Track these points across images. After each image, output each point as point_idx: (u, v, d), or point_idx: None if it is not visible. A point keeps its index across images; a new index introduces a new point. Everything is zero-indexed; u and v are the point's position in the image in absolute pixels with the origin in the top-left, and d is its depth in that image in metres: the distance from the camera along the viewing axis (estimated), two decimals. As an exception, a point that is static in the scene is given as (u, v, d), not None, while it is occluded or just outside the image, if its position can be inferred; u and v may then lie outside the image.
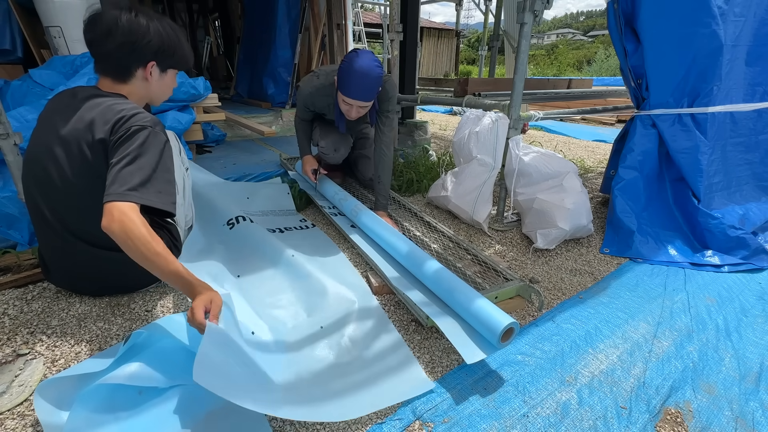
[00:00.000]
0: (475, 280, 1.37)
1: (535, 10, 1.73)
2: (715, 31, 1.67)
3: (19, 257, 1.50)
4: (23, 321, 1.24)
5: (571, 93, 3.03)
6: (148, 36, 1.08)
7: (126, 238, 0.90)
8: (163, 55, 1.13)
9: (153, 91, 1.20)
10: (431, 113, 7.19)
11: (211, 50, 8.26)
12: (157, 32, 1.10)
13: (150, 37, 1.09)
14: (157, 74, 1.17)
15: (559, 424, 0.94)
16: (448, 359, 1.14)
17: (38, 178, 1.12)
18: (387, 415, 0.95)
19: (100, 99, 1.08)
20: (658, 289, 1.53)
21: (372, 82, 1.64)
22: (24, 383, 0.99)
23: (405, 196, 2.49)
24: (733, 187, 1.98)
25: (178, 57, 1.18)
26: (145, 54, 1.11)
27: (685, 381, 1.08)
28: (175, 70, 1.22)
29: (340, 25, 3.89)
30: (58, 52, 2.32)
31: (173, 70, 1.22)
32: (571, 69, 19.01)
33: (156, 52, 1.12)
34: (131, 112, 1.06)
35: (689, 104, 1.85)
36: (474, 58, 22.09)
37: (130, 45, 1.07)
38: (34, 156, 1.13)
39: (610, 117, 5.75)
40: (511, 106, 1.88)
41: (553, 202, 1.78)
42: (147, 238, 0.91)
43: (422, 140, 3.53)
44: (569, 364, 1.14)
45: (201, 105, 2.63)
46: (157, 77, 1.17)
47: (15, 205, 1.58)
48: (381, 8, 8.50)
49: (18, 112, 1.70)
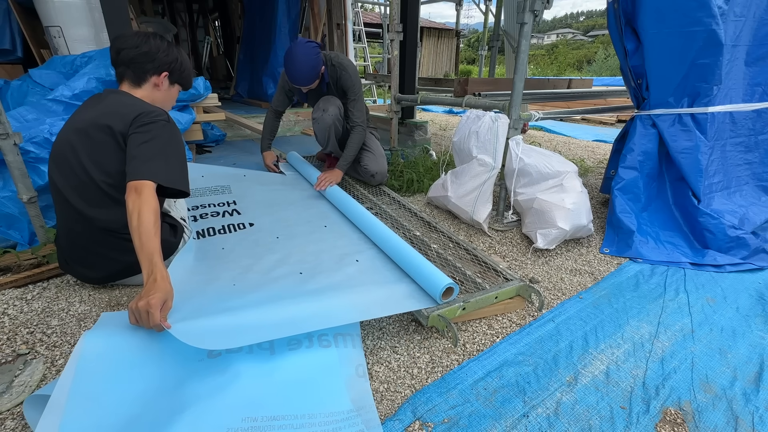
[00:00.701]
0: (475, 280, 1.37)
1: (535, 10, 1.73)
2: (715, 31, 1.67)
3: (19, 257, 1.50)
4: (23, 321, 1.24)
5: (571, 93, 3.03)
6: (167, 52, 1.34)
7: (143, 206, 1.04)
8: (174, 70, 1.37)
9: (159, 99, 1.37)
10: (431, 113, 7.19)
11: (211, 50, 8.27)
12: (173, 52, 1.36)
13: (168, 52, 1.34)
14: (167, 85, 1.38)
15: (559, 424, 0.94)
16: (448, 359, 1.14)
17: (59, 164, 1.25)
18: (387, 416, 0.95)
19: (119, 98, 1.27)
20: (658, 289, 1.53)
21: (294, 67, 2.00)
22: (24, 383, 0.99)
23: (405, 196, 2.49)
24: (733, 187, 1.98)
25: (185, 76, 1.43)
26: (161, 64, 1.33)
27: (685, 381, 1.08)
28: (180, 86, 1.45)
29: (340, 25, 3.89)
30: (58, 52, 2.32)
31: (179, 86, 1.44)
32: (571, 69, 19.00)
33: (170, 65, 1.35)
34: (147, 108, 1.24)
35: (689, 104, 1.85)
36: (474, 58, 22.09)
37: (153, 55, 1.31)
38: (58, 143, 1.27)
39: (610, 117, 5.76)
40: (511, 106, 1.88)
41: (553, 202, 1.77)
42: (156, 208, 1.07)
43: (422, 140, 3.53)
44: (569, 364, 1.14)
45: (201, 105, 2.63)
46: (166, 87, 1.38)
47: (15, 205, 1.58)
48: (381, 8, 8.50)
49: (18, 112, 1.70)
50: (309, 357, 1.05)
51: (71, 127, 1.24)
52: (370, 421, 0.90)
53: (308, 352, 1.06)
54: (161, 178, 1.13)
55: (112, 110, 1.21)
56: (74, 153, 1.20)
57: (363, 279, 1.36)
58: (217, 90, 5.70)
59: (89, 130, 1.20)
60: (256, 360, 1.01)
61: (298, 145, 3.28)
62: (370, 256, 1.53)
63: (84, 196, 1.23)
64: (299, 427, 0.87)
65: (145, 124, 1.19)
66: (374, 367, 1.10)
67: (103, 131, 1.19)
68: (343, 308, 1.17)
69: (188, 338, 0.93)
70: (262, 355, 1.03)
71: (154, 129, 1.19)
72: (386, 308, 1.18)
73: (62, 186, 1.23)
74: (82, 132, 1.21)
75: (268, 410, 0.89)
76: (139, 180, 1.09)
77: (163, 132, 1.21)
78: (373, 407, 0.95)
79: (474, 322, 1.32)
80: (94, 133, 1.20)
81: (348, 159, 2.22)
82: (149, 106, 1.25)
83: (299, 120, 4.01)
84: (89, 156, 1.20)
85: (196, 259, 1.44)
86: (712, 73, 1.77)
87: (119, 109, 1.21)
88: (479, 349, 1.19)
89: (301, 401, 0.93)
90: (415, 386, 1.04)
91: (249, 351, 1.03)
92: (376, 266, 1.45)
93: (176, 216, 1.47)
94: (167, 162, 1.18)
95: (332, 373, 1.02)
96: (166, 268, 1.03)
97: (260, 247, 1.58)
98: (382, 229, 1.58)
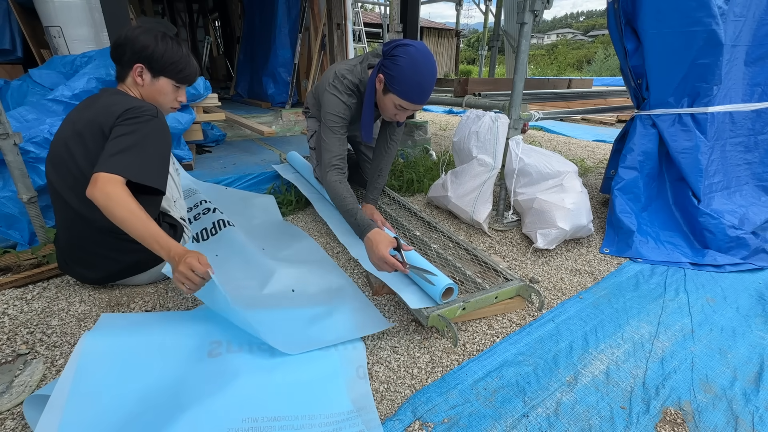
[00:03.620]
0: (475, 280, 1.37)
1: (535, 10, 1.73)
2: (715, 31, 1.67)
3: (19, 257, 1.50)
4: (23, 321, 1.24)
5: (571, 93, 3.03)
6: (139, 42, 1.22)
7: (107, 200, 1.02)
8: (145, 59, 1.24)
9: (148, 95, 1.30)
10: (431, 113, 7.19)
11: (211, 50, 8.26)
12: (143, 40, 1.22)
13: (140, 43, 1.22)
14: (149, 78, 1.28)
15: (559, 424, 0.94)
16: (448, 359, 1.14)
17: (56, 164, 1.24)
18: (387, 416, 0.95)
19: (112, 97, 1.25)
20: (658, 289, 1.53)
21: (434, 82, 1.37)
22: (24, 383, 0.99)
23: (405, 196, 2.49)
24: (733, 187, 1.98)
25: (169, 67, 1.28)
26: (132, 56, 1.24)
27: (685, 381, 1.08)
28: (171, 80, 1.31)
29: (340, 25, 3.89)
30: (58, 51, 2.32)
31: (167, 80, 1.30)
32: (571, 69, 19.00)
33: (139, 54, 1.23)
34: (135, 104, 1.20)
35: (689, 104, 1.85)
36: (474, 58, 22.10)
37: (123, 47, 1.23)
38: (55, 144, 1.26)
39: (610, 117, 5.76)
40: (511, 106, 1.88)
41: (553, 202, 1.77)
42: (125, 197, 1.03)
43: (422, 140, 3.53)
44: (569, 364, 1.14)
45: (201, 105, 2.63)
46: (148, 81, 1.28)
47: (15, 205, 1.58)
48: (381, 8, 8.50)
49: (18, 112, 1.70)
50: (310, 358, 1.05)
51: (67, 128, 1.24)
52: (370, 422, 0.90)
53: (309, 354, 1.06)
54: (129, 172, 1.09)
55: (104, 110, 1.21)
56: (71, 154, 1.20)
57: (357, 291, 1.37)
58: (217, 90, 5.71)
59: (84, 132, 1.20)
60: (257, 360, 1.01)
61: (299, 145, 3.27)
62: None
63: (82, 197, 1.22)
64: (300, 427, 0.87)
65: (129, 119, 1.16)
66: (374, 367, 1.10)
67: (97, 132, 1.18)
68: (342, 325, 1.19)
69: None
70: (263, 355, 1.03)
71: (135, 123, 1.16)
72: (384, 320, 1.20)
73: (60, 187, 1.24)
74: (77, 133, 1.20)
75: (269, 411, 0.89)
76: (107, 173, 1.06)
77: (145, 127, 1.18)
78: (373, 408, 0.95)
79: (474, 322, 1.32)
80: (88, 134, 1.19)
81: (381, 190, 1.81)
82: (138, 102, 1.22)
83: (299, 120, 4.00)
84: (85, 157, 1.19)
85: None
86: (712, 73, 1.77)
87: (110, 108, 1.20)
88: (479, 349, 1.19)
89: (302, 402, 0.93)
90: (415, 386, 1.04)
91: (249, 351, 1.03)
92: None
93: (176, 216, 1.47)
94: (140, 156, 1.13)
95: (333, 374, 1.02)
96: (171, 238, 1.04)
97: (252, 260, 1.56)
98: None
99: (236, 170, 2.45)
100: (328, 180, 1.44)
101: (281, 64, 4.37)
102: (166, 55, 1.26)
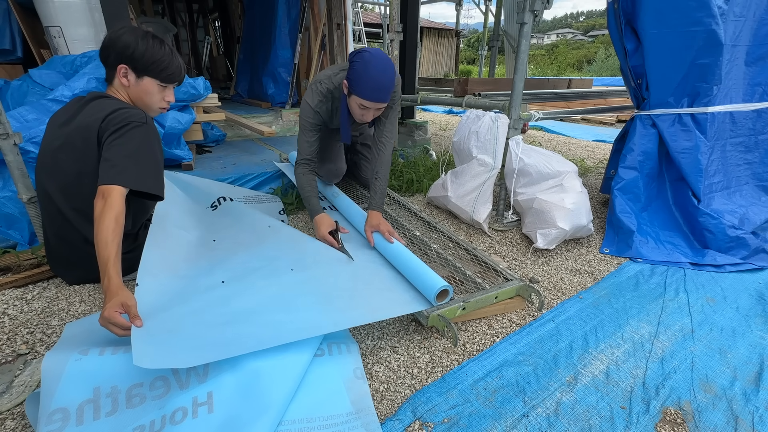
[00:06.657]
0: (475, 280, 1.37)
1: (535, 10, 1.73)
2: (715, 31, 1.67)
3: (19, 257, 1.50)
4: (23, 321, 1.24)
5: (571, 93, 3.03)
6: (120, 42, 1.22)
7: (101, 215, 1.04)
8: (127, 58, 1.24)
9: (135, 97, 1.30)
10: (431, 113, 7.19)
11: (211, 50, 8.26)
12: (125, 40, 1.22)
13: (122, 43, 1.21)
14: (133, 79, 1.28)
15: (559, 424, 0.94)
16: (448, 359, 1.14)
17: (45, 166, 1.26)
18: (387, 416, 0.95)
19: (99, 101, 1.25)
20: (658, 289, 1.53)
21: (390, 80, 1.49)
22: (24, 383, 0.99)
23: (405, 196, 2.49)
24: (733, 187, 1.98)
25: (152, 67, 1.27)
26: (116, 56, 1.24)
27: (685, 381, 1.08)
28: (155, 79, 1.30)
29: (340, 25, 3.89)
30: (58, 52, 2.32)
31: (151, 79, 1.29)
32: (571, 69, 19.00)
33: (121, 54, 1.23)
34: (120, 107, 1.21)
35: (689, 104, 1.85)
36: (474, 58, 22.09)
37: (107, 49, 1.23)
38: (45, 153, 1.28)
39: (610, 117, 5.76)
40: (511, 106, 1.88)
41: (553, 202, 1.77)
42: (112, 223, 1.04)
43: (422, 140, 3.53)
44: (569, 364, 1.14)
45: (201, 105, 2.63)
46: (134, 82, 1.28)
47: (15, 205, 1.58)
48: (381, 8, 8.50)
49: (18, 112, 1.70)
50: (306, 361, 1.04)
51: (55, 135, 1.25)
52: (369, 424, 0.90)
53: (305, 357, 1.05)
54: (131, 182, 1.12)
55: (92, 115, 1.21)
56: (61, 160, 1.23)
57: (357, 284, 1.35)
58: (217, 90, 5.70)
59: (75, 138, 1.21)
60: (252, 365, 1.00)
61: (298, 145, 3.28)
62: (367, 258, 1.52)
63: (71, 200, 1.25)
64: (298, 431, 0.86)
65: (120, 128, 1.17)
66: (374, 367, 1.10)
67: (88, 137, 1.20)
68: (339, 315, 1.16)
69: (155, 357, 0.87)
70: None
71: (127, 131, 1.17)
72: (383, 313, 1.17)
73: (52, 191, 1.26)
74: (68, 141, 1.22)
75: None
76: (107, 185, 1.09)
77: (137, 134, 1.19)
78: (372, 409, 0.94)
79: (474, 322, 1.32)
80: (79, 140, 1.20)
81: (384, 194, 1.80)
82: (123, 105, 1.23)
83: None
84: (81, 161, 1.21)
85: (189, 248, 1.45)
86: (712, 73, 1.77)
87: (95, 113, 1.21)
88: (479, 349, 1.19)
89: (300, 405, 0.92)
90: (415, 386, 1.04)
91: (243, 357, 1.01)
92: (371, 269, 1.45)
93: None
94: (138, 165, 1.16)
95: (331, 377, 1.01)
96: (119, 274, 1.00)
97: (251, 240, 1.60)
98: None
99: (236, 170, 2.45)
100: (295, 172, 1.78)
101: (281, 64, 4.36)
102: (147, 54, 1.24)
